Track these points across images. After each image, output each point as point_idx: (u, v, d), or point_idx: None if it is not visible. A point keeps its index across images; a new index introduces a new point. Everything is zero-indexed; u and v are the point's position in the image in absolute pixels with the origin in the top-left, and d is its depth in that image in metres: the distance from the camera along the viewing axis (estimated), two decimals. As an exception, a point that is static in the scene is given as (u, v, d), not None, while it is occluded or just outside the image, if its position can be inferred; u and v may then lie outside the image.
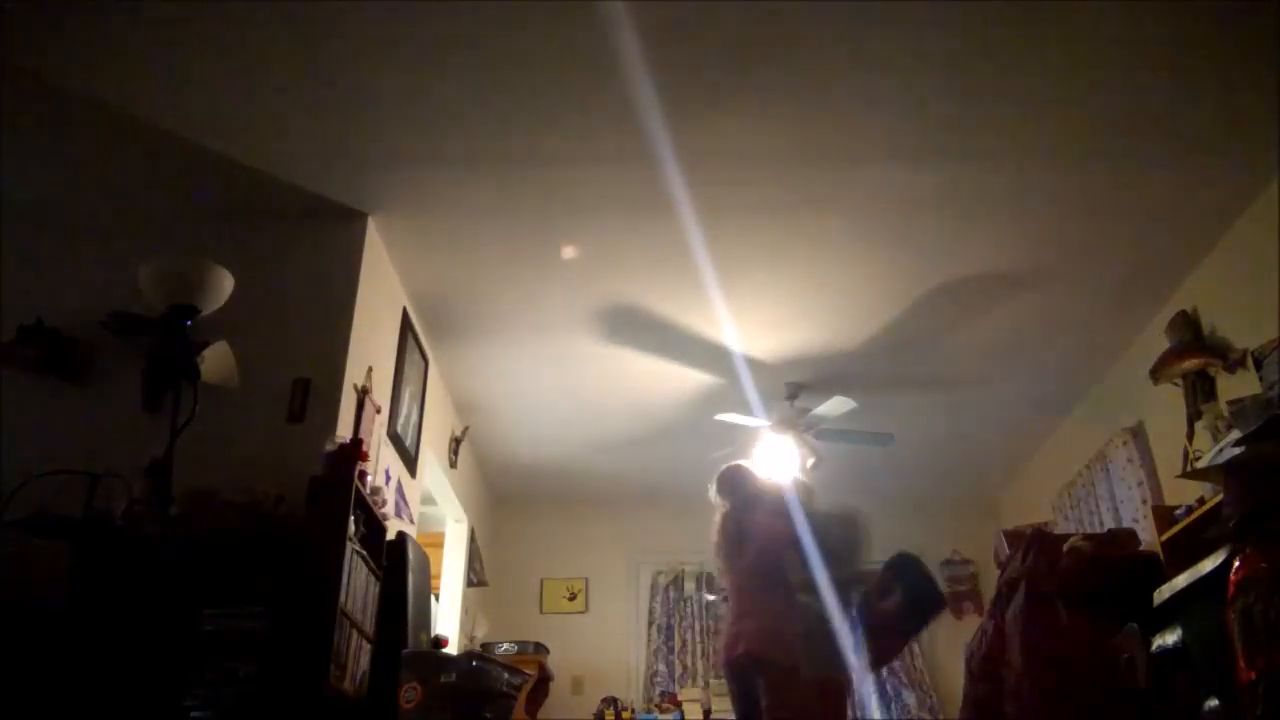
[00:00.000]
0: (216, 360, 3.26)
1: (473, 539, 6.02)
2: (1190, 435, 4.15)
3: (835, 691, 3.20)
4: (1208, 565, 3.08)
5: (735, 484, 3.73)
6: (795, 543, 3.37)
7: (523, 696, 4.77)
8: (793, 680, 3.11)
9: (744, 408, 5.25)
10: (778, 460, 5.27)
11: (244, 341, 3.43)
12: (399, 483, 4.29)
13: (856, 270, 4.34)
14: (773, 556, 3.38)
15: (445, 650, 4.15)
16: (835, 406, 5.04)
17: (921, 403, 5.55)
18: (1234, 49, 3.11)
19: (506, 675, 3.88)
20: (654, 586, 6.88)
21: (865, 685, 4.33)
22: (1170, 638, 3.27)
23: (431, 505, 5.50)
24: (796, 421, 5.24)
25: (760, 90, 3.28)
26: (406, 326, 4.44)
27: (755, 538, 3.49)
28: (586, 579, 6.87)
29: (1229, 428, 3.61)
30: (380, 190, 3.81)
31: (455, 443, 5.54)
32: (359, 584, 3.24)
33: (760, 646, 3.21)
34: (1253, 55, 3.11)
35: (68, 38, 3.05)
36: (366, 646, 3.31)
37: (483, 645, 5.56)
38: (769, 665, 3.17)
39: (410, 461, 4.50)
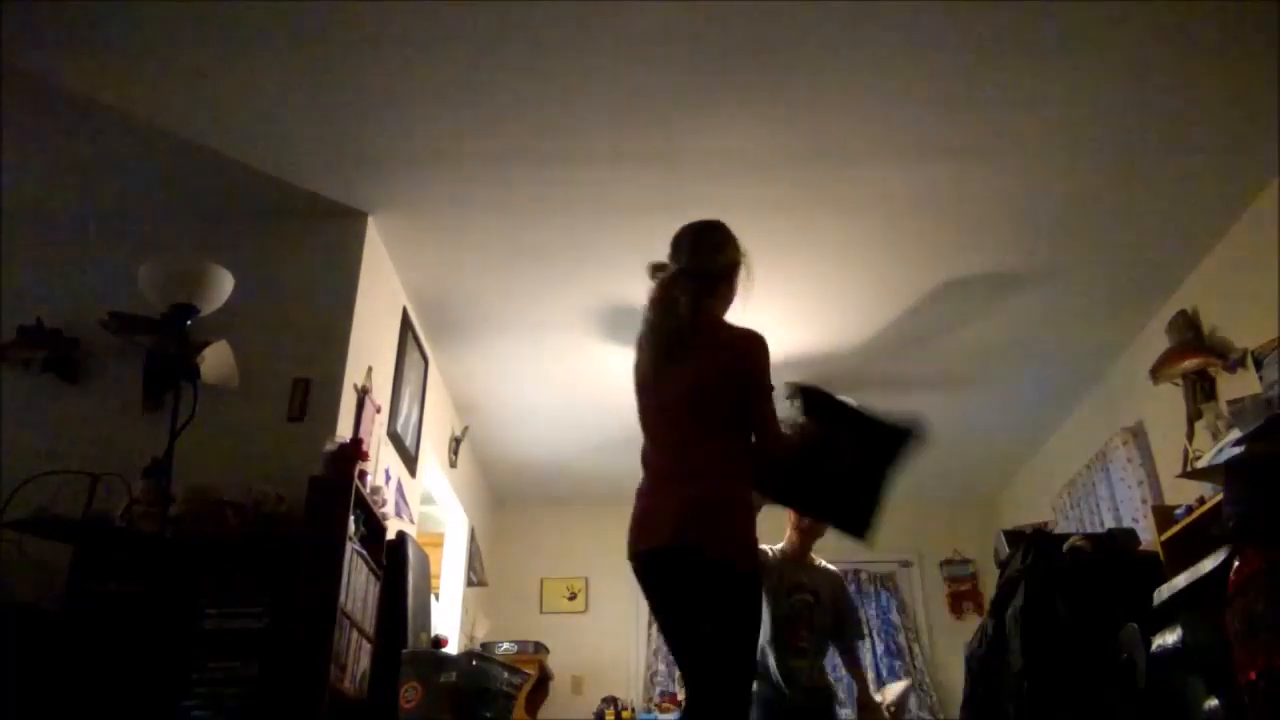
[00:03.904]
0: (216, 360, 3.26)
1: (473, 539, 6.02)
2: (1190, 435, 4.14)
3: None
4: (1208, 565, 3.09)
5: (711, 244, 2.47)
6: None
7: (523, 696, 4.76)
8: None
9: (744, 408, 5.24)
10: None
11: (244, 341, 3.43)
12: (399, 483, 4.28)
13: (857, 270, 4.34)
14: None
15: (445, 650, 4.15)
16: (835, 406, 5.03)
17: (921, 403, 5.52)
18: (1234, 49, 3.10)
19: (506, 675, 3.88)
20: (654, 586, 6.87)
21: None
22: (1170, 638, 3.27)
23: (431, 505, 5.49)
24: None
25: (760, 90, 3.28)
26: (406, 326, 4.44)
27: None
28: (586, 579, 6.86)
29: (1229, 428, 3.61)
30: (380, 190, 3.81)
31: (455, 443, 5.54)
32: (359, 584, 3.24)
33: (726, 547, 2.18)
34: (1253, 55, 3.11)
35: (68, 38, 3.05)
36: (366, 646, 3.31)
37: (483, 645, 5.56)
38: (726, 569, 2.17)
39: (410, 461, 4.50)
